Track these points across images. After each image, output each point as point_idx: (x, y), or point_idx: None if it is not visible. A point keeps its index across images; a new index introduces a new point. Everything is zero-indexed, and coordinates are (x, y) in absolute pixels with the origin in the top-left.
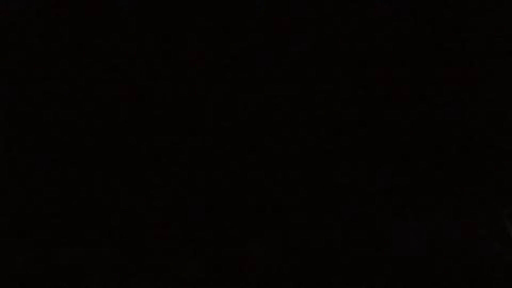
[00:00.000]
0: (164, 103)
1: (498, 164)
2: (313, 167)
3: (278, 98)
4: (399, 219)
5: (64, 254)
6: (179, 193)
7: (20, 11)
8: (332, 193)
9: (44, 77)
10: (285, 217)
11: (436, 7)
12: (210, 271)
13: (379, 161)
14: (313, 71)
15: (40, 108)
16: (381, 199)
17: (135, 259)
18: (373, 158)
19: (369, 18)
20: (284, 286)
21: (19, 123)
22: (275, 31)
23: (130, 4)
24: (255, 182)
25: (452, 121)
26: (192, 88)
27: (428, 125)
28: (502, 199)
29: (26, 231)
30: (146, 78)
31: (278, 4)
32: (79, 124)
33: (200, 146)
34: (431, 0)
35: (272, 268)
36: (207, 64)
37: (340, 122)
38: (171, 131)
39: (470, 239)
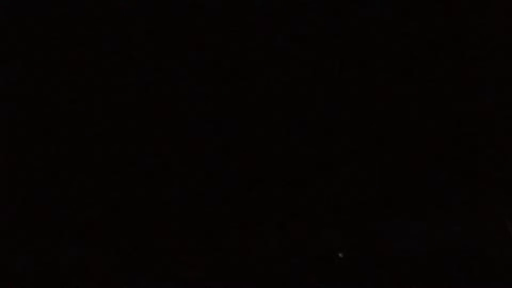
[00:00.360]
0: (162, 103)
1: (499, 164)
2: (313, 167)
3: (278, 98)
4: (399, 219)
5: (64, 254)
6: (179, 194)
7: (20, 11)
8: (332, 193)
9: (44, 77)
10: (285, 217)
11: (436, 7)
12: (210, 271)
13: (379, 161)
14: (312, 70)
15: (40, 107)
16: (381, 199)
17: (135, 259)
18: (373, 158)
19: (369, 18)
20: (284, 286)
21: (19, 123)
22: (275, 31)
23: (130, 4)
24: (255, 182)
25: (453, 121)
26: (192, 88)
27: (428, 125)
28: (502, 199)
29: (26, 231)
30: (146, 78)
31: (278, 4)
32: (79, 125)
33: (200, 146)
34: (431, 0)
35: (272, 268)
36: (207, 64)
37: (340, 122)
38: (171, 131)
39: (470, 239)
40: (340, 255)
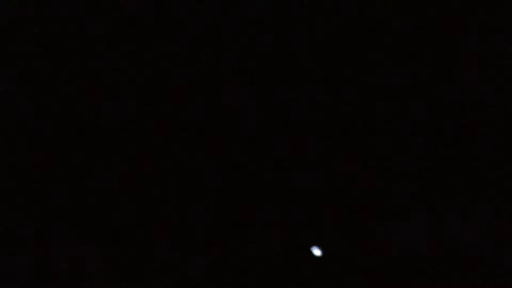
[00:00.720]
0: (162, 103)
1: (499, 164)
2: (313, 167)
3: (278, 98)
4: (399, 219)
5: (64, 254)
6: (179, 193)
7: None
8: (332, 193)
9: (44, 76)
10: (285, 217)
11: (436, 7)
12: (211, 271)
13: (378, 161)
14: (312, 70)
15: (40, 107)
16: (381, 199)
17: (135, 259)
18: (372, 158)
19: (369, 18)
20: (284, 286)
21: (19, 122)
22: (275, 31)
23: (130, 4)
24: (255, 182)
25: (453, 121)
26: (192, 87)
27: (428, 125)
28: (502, 199)
29: (26, 231)
30: (146, 78)
31: (278, 4)
32: (80, 124)
33: (200, 146)
34: (431, 0)
35: (272, 268)
36: (207, 64)
37: (340, 122)
38: (171, 132)
39: (470, 239)
40: (342, 257)
